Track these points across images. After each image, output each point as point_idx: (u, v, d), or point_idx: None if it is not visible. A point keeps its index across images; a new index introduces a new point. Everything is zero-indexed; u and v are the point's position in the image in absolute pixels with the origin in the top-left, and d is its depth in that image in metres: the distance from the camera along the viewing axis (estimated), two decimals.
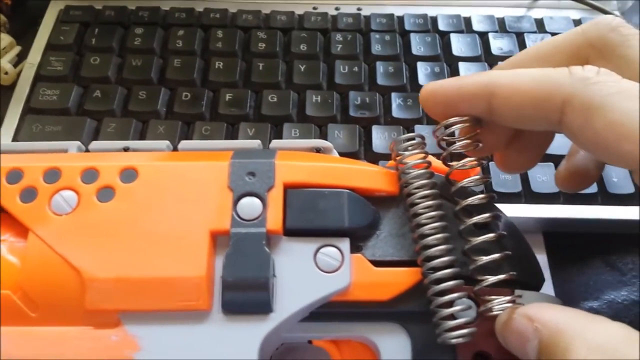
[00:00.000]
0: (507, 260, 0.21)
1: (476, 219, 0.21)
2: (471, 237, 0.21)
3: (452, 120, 0.22)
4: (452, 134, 0.23)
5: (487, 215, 0.21)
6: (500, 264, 0.21)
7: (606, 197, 0.31)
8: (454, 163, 0.23)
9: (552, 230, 0.32)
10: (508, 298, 0.20)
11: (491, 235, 0.21)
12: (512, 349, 0.19)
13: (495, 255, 0.21)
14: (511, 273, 0.21)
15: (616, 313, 0.28)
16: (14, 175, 0.22)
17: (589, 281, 0.30)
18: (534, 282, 0.23)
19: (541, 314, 0.18)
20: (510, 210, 0.31)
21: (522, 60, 0.24)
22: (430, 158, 0.23)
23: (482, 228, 0.22)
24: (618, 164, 0.19)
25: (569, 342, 0.17)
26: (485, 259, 0.21)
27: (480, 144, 0.22)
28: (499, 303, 0.20)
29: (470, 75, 0.22)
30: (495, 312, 0.20)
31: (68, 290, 0.21)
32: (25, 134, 0.33)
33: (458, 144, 0.22)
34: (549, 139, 0.26)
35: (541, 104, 0.20)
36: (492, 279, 0.20)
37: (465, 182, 0.22)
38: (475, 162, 0.22)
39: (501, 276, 0.20)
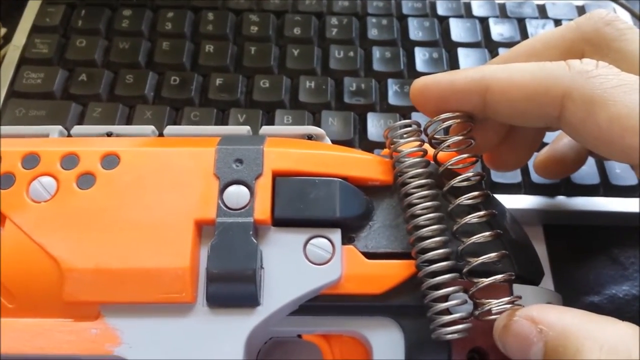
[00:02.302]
0: (505, 257, 0.20)
1: (469, 217, 0.20)
2: (465, 238, 0.20)
3: (444, 115, 0.22)
4: (445, 131, 0.22)
5: (481, 213, 0.20)
6: (498, 262, 0.20)
7: (608, 188, 0.30)
8: (445, 154, 0.22)
9: (553, 223, 0.31)
10: (507, 299, 0.19)
11: (487, 234, 0.20)
12: (512, 353, 0.18)
13: (492, 255, 0.20)
14: (509, 273, 0.20)
15: (617, 308, 0.27)
16: None
17: (590, 275, 0.29)
18: (533, 277, 0.23)
19: (545, 315, 0.17)
20: (510, 202, 0.30)
21: (515, 56, 0.23)
22: (426, 146, 0.22)
23: (478, 225, 0.21)
24: (620, 158, 0.19)
25: (580, 343, 0.16)
26: (481, 258, 0.20)
27: (473, 142, 0.22)
28: (497, 305, 0.19)
29: (463, 70, 0.22)
30: (493, 316, 0.19)
31: (46, 280, 0.20)
32: (8, 118, 0.32)
33: (450, 140, 0.22)
34: (540, 137, 0.26)
35: (539, 98, 0.20)
36: (487, 280, 0.19)
37: (457, 180, 0.21)
38: (471, 159, 0.22)
39: (498, 277, 0.20)
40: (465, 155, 0.22)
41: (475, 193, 0.21)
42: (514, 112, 0.21)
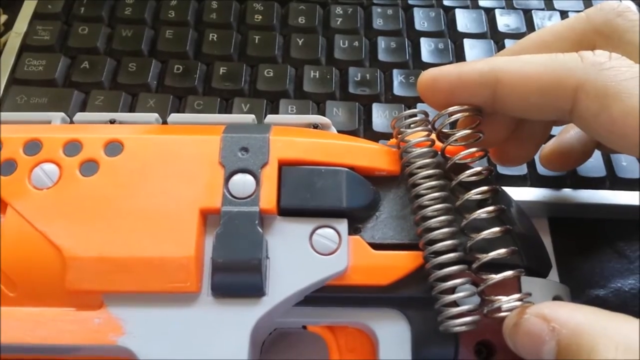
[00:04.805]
0: (514, 252, 0.20)
1: (478, 213, 0.20)
2: (474, 233, 0.20)
3: (452, 109, 0.21)
4: (451, 125, 0.22)
5: (491, 209, 0.20)
6: (507, 257, 0.20)
7: (615, 181, 0.30)
8: (453, 148, 0.22)
9: (558, 216, 0.31)
10: (517, 296, 0.19)
11: (496, 229, 0.20)
12: (523, 351, 0.18)
13: (501, 251, 0.19)
14: (519, 270, 0.20)
15: (623, 302, 0.27)
16: None
17: (595, 268, 0.29)
18: (541, 269, 0.22)
19: (558, 313, 0.17)
20: (515, 194, 0.29)
21: (524, 48, 0.23)
22: (434, 136, 0.22)
23: (487, 220, 0.20)
24: (633, 152, 0.19)
25: (595, 342, 0.16)
26: (490, 255, 0.19)
27: (482, 135, 0.22)
28: (507, 302, 0.19)
29: (472, 62, 0.21)
30: (503, 313, 0.19)
31: (48, 269, 0.20)
32: (9, 105, 0.32)
33: (458, 134, 0.21)
34: (547, 131, 0.25)
35: (551, 91, 0.19)
36: (497, 277, 0.19)
37: (467, 174, 0.21)
38: (480, 153, 0.21)
39: (508, 273, 0.19)
40: (473, 150, 0.21)
41: (485, 188, 0.20)
42: (524, 105, 0.20)
